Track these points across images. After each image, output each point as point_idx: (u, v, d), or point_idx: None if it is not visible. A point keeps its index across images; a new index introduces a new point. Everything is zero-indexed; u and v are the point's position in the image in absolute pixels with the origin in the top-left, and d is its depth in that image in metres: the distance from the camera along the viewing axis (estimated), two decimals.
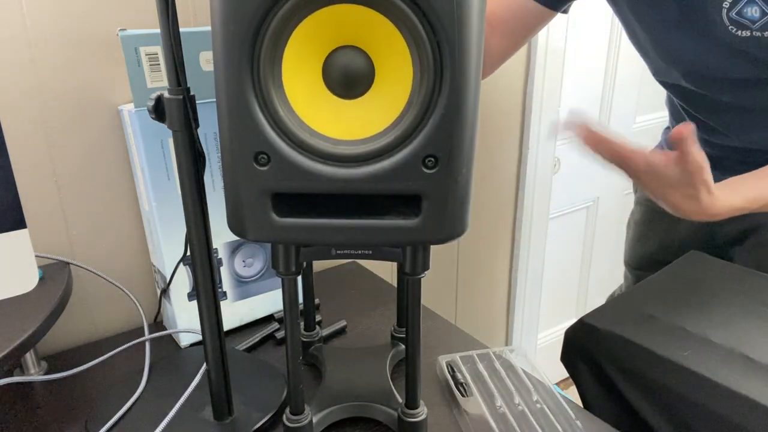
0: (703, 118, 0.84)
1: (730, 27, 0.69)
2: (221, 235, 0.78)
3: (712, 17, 0.70)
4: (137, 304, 0.80)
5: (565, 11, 0.86)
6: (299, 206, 0.48)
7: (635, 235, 1.07)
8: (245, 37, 0.42)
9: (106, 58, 0.76)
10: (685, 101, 0.86)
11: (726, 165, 0.84)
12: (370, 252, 0.53)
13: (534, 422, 0.62)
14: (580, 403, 0.74)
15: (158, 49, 0.66)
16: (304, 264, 0.68)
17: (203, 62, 0.69)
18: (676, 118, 0.94)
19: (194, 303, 0.78)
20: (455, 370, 0.71)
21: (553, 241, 1.66)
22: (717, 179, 0.85)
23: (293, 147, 0.44)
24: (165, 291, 0.78)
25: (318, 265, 1.03)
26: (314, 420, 0.60)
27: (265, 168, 0.45)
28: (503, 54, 0.88)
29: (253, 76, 0.43)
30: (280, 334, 0.81)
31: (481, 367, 0.72)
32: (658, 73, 0.86)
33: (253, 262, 0.82)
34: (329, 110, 0.45)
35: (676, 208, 0.67)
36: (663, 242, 1.01)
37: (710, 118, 0.83)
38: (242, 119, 0.44)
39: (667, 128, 0.99)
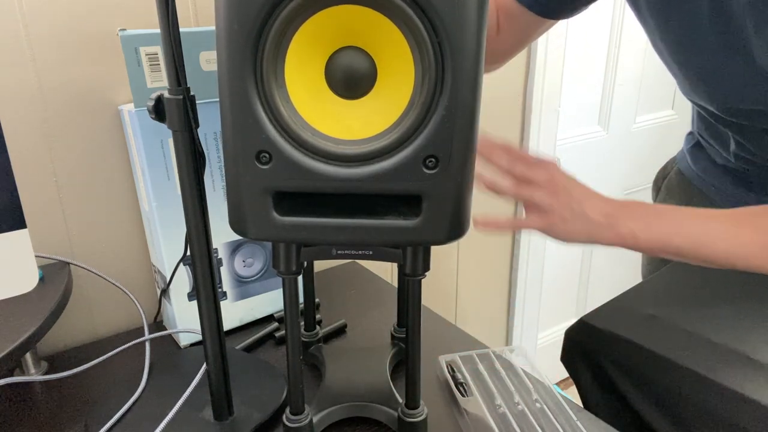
0: (735, 135, 0.76)
1: None
2: (221, 235, 0.78)
3: (750, 38, 0.60)
4: (137, 304, 0.80)
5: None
6: (300, 205, 0.48)
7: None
8: (249, 36, 0.42)
9: (106, 58, 0.76)
10: (716, 120, 0.77)
11: (754, 182, 0.79)
12: (371, 252, 0.53)
13: (534, 422, 0.62)
14: (580, 403, 0.74)
15: (158, 49, 0.66)
16: (305, 264, 0.69)
17: (203, 62, 0.69)
18: (704, 123, 0.85)
19: (194, 303, 0.78)
20: (455, 370, 0.71)
21: (553, 241, 1.66)
22: (743, 198, 0.81)
23: (295, 146, 0.45)
24: (165, 291, 0.78)
25: (318, 265, 1.03)
26: (314, 420, 0.60)
27: (266, 166, 0.45)
28: (512, 49, 0.84)
29: (256, 75, 0.43)
30: (280, 334, 0.81)
31: (481, 367, 0.72)
32: (686, 93, 0.77)
33: (253, 262, 0.82)
34: (331, 110, 0.45)
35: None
36: None
37: (743, 138, 0.75)
38: (245, 118, 0.44)
39: (690, 133, 0.92)
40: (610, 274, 1.92)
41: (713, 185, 0.86)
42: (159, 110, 0.52)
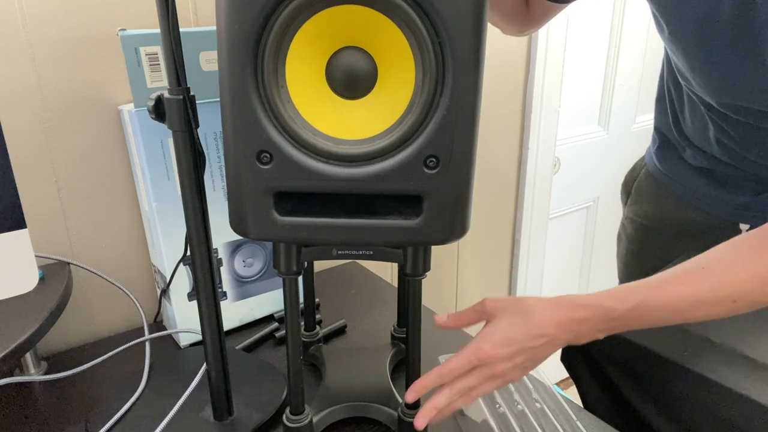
0: (721, 124, 0.74)
1: None
2: (221, 235, 0.78)
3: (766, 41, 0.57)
4: (137, 304, 0.80)
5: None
6: (301, 205, 0.48)
7: (629, 252, 0.98)
8: (249, 37, 0.42)
9: (106, 58, 0.76)
10: (709, 109, 0.75)
11: (732, 181, 0.78)
12: (371, 253, 0.53)
13: (534, 422, 0.62)
14: (580, 403, 0.74)
15: (158, 49, 0.66)
16: (305, 264, 0.68)
17: (203, 62, 0.69)
18: (683, 113, 0.82)
19: (194, 303, 0.78)
20: None
21: (553, 241, 1.66)
22: (718, 195, 0.80)
23: (295, 146, 0.45)
24: (165, 291, 0.78)
25: (318, 265, 1.03)
26: (314, 420, 0.60)
27: (267, 166, 0.45)
28: (541, 20, 0.82)
29: (257, 76, 0.43)
30: (280, 334, 0.81)
31: None
32: (684, 80, 0.75)
33: (253, 262, 0.82)
34: (332, 110, 0.45)
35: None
36: (663, 261, 0.89)
37: (729, 126, 0.73)
38: (245, 118, 0.44)
39: (655, 129, 0.91)
40: (610, 274, 1.92)
41: (685, 186, 0.84)
42: (159, 110, 0.52)
